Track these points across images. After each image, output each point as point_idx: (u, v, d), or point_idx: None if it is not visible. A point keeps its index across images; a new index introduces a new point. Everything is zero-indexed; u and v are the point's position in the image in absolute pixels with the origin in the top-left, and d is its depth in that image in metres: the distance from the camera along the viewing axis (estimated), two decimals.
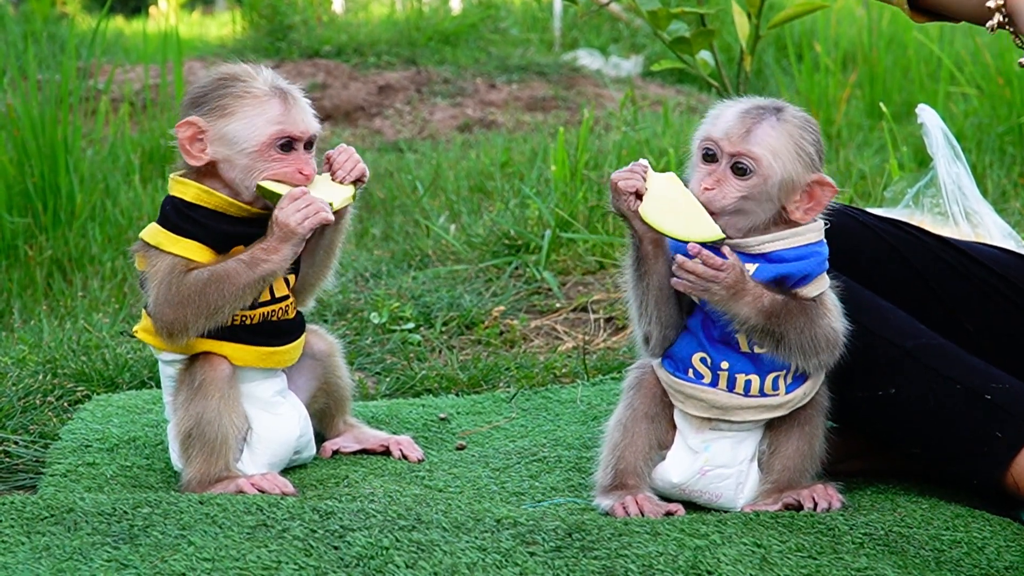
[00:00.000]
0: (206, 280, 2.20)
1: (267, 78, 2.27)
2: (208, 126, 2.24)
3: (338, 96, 7.26)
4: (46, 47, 7.35)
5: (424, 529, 1.94)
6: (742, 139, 2.07)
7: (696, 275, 2.04)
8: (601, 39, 8.72)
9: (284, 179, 2.25)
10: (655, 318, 2.14)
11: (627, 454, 2.16)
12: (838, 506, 2.12)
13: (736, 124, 2.08)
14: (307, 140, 2.27)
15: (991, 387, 2.15)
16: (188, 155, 2.26)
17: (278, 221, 2.21)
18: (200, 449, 2.24)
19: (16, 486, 2.43)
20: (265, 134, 2.23)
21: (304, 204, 2.21)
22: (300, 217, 2.21)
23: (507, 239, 3.94)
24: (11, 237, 4.30)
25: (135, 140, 5.33)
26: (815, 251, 2.12)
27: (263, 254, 2.22)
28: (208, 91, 2.27)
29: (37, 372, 2.97)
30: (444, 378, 3.07)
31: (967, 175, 2.86)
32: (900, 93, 6.26)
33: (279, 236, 2.22)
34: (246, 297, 2.23)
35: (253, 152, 2.24)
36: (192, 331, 2.22)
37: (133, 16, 12.36)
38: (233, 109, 2.24)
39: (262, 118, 2.24)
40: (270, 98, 2.25)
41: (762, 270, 2.09)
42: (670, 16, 3.32)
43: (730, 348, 2.12)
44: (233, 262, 2.21)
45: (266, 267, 2.22)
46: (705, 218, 2.07)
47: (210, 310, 2.20)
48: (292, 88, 2.29)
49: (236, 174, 2.25)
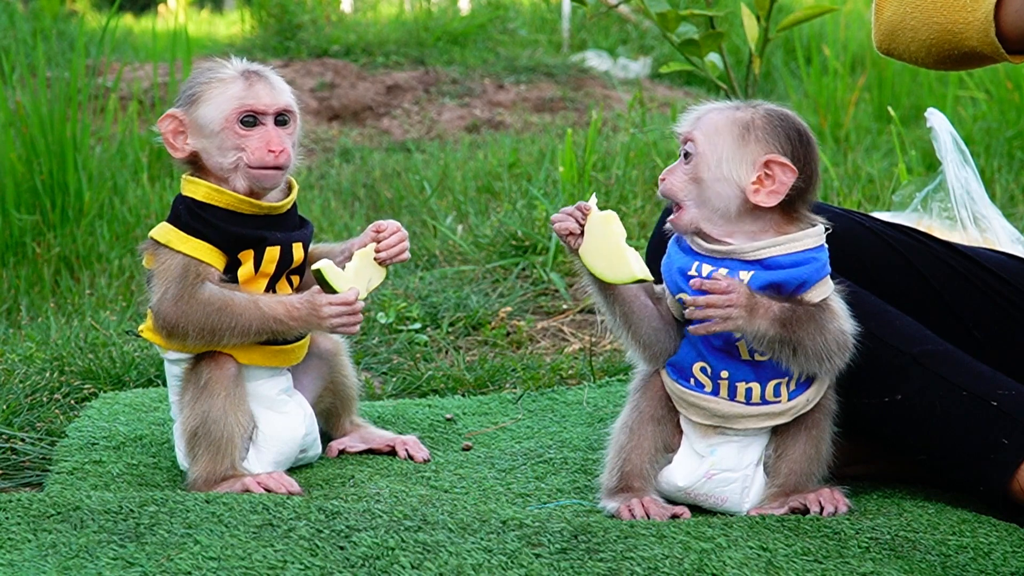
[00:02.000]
0: (218, 307, 2.21)
1: (237, 64, 2.30)
2: (185, 116, 2.26)
3: (346, 96, 7.26)
4: (55, 44, 7.36)
5: (430, 530, 1.94)
6: (689, 125, 2.11)
7: (713, 307, 2.03)
8: (610, 41, 8.72)
9: (257, 164, 2.24)
10: (635, 339, 2.15)
11: (633, 457, 2.16)
12: (844, 510, 2.12)
13: (692, 115, 2.12)
14: (275, 114, 2.28)
15: (998, 393, 2.14)
16: (172, 148, 2.29)
17: (319, 312, 2.22)
18: (206, 448, 2.24)
19: (23, 483, 2.43)
20: (228, 110, 2.26)
21: (348, 312, 2.23)
22: (337, 322, 2.23)
23: (514, 240, 3.94)
24: (19, 234, 4.31)
25: (143, 138, 5.34)
26: (812, 257, 2.09)
27: (283, 310, 2.23)
28: (183, 86, 2.32)
29: (44, 369, 2.98)
30: (450, 378, 3.07)
31: (976, 180, 2.85)
32: (909, 97, 6.25)
33: (307, 315, 2.23)
34: (247, 338, 2.25)
35: (220, 132, 2.26)
36: (189, 343, 2.24)
37: (142, 14, 12.38)
38: (201, 94, 2.28)
39: (223, 96, 2.26)
40: (235, 79, 2.28)
41: (757, 277, 2.07)
42: (679, 18, 3.32)
43: (730, 357, 2.11)
44: (248, 301, 2.23)
45: (277, 327, 2.24)
46: (629, 259, 2.08)
47: (211, 334, 2.22)
48: (263, 69, 2.31)
49: (214, 160, 2.27)
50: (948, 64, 2.20)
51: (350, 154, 6.22)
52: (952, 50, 2.15)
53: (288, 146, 2.28)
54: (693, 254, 2.12)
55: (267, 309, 2.23)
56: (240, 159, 2.26)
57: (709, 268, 2.08)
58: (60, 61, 6.76)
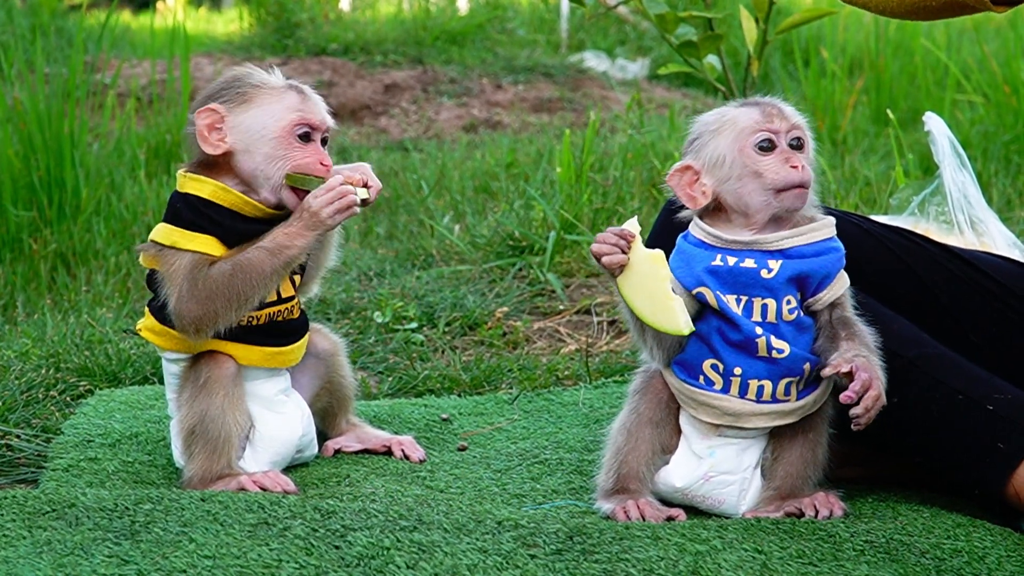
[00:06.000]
0: (231, 272, 2.19)
1: (280, 75, 2.31)
2: (228, 113, 2.25)
3: (344, 94, 7.26)
4: (53, 41, 7.36)
5: (425, 530, 1.94)
6: (794, 116, 2.16)
7: (877, 405, 2.05)
8: (608, 41, 8.72)
9: (307, 170, 2.25)
10: (656, 345, 2.15)
11: (630, 458, 2.16)
12: (839, 514, 2.12)
13: (780, 107, 2.16)
14: (324, 132, 2.29)
15: (993, 397, 2.15)
16: (206, 143, 2.26)
17: (310, 208, 2.21)
18: (203, 446, 2.24)
19: (18, 480, 2.43)
20: (287, 120, 2.25)
21: (339, 196, 2.22)
22: (332, 210, 2.21)
23: (511, 240, 3.94)
24: (16, 230, 4.30)
25: (141, 135, 5.34)
26: (832, 247, 2.13)
27: (286, 239, 2.22)
28: (225, 85, 2.30)
29: (40, 366, 2.97)
30: (446, 378, 3.07)
31: (973, 183, 2.85)
32: (906, 100, 6.25)
33: (306, 223, 2.22)
34: (271, 284, 2.23)
35: (274, 139, 2.25)
36: (222, 323, 2.21)
37: (140, 11, 12.36)
38: (252, 97, 2.26)
39: (281, 105, 2.26)
40: (287, 90, 2.28)
41: (785, 267, 2.10)
42: (678, 20, 3.32)
43: (747, 353, 2.11)
44: (254, 251, 2.21)
45: (289, 253, 2.22)
46: (676, 310, 2.08)
47: (240, 300, 2.20)
48: (306, 86, 2.32)
49: (257, 164, 2.25)
50: (923, 13, 2.18)
51: (347, 153, 6.21)
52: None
53: (332, 162, 2.30)
54: (711, 247, 2.13)
55: (272, 245, 2.21)
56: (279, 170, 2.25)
57: (734, 260, 2.10)
58: (58, 57, 6.76)
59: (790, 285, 2.11)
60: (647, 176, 4.48)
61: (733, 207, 2.14)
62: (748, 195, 2.12)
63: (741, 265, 2.10)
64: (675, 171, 2.16)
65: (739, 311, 2.10)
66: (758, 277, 2.10)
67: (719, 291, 2.10)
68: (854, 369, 2.03)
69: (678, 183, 2.16)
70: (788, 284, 2.10)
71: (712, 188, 2.14)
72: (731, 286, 2.10)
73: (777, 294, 2.10)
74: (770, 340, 2.09)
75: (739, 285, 2.10)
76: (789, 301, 2.11)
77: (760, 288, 2.10)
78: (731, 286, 2.10)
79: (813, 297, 2.12)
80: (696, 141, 2.17)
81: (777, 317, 2.11)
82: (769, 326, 2.10)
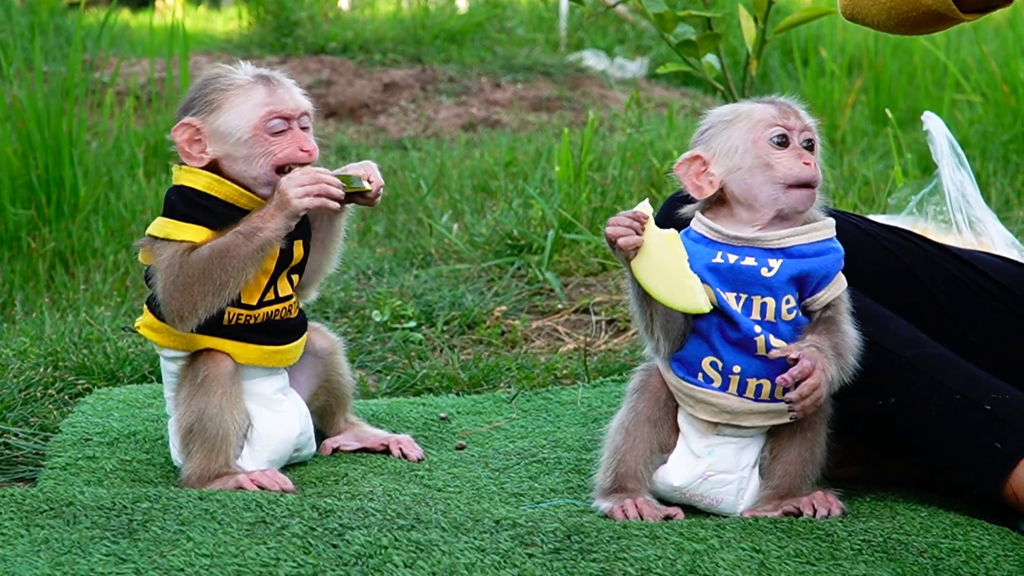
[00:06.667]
0: (207, 257, 2.18)
1: (247, 69, 2.29)
2: (202, 124, 2.25)
3: (343, 93, 7.26)
4: (52, 39, 7.35)
5: (423, 529, 1.94)
6: (807, 116, 2.17)
7: (813, 394, 2.04)
8: (607, 40, 8.72)
9: (289, 159, 2.25)
10: (663, 335, 2.14)
11: (628, 458, 2.16)
12: (837, 513, 2.12)
13: (794, 106, 2.17)
14: (299, 117, 2.27)
15: (991, 397, 2.15)
16: (189, 158, 2.26)
17: (279, 187, 2.21)
18: (201, 445, 2.24)
19: (16, 479, 2.43)
20: (255, 117, 2.24)
21: (312, 181, 2.21)
22: (301, 191, 2.20)
23: (510, 239, 3.94)
24: (14, 229, 4.30)
25: (140, 134, 5.33)
26: (832, 248, 2.13)
27: (259, 222, 2.21)
28: (194, 95, 2.29)
29: (38, 364, 2.97)
30: (445, 377, 3.07)
31: (971, 183, 2.85)
32: (905, 99, 6.25)
33: (276, 204, 2.21)
34: (248, 270, 2.21)
35: (249, 139, 2.24)
36: (201, 311, 2.19)
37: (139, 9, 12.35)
38: (220, 102, 2.25)
39: (249, 104, 2.25)
40: (253, 85, 2.27)
41: (786, 266, 2.10)
42: (677, 19, 3.32)
43: (746, 352, 2.11)
44: (230, 235, 2.20)
45: (262, 236, 2.20)
46: (695, 288, 2.08)
47: (216, 287, 2.18)
48: (274, 73, 2.30)
49: (240, 167, 2.25)
50: (907, 27, 2.25)
51: (346, 151, 6.21)
52: (910, 11, 2.19)
53: (315, 145, 2.28)
54: (712, 243, 2.13)
55: (246, 228, 2.20)
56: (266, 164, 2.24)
57: (735, 257, 2.10)
58: (57, 56, 6.76)
59: (790, 284, 2.11)
60: (646, 175, 4.48)
61: (739, 199, 2.13)
62: (757, 187, 2.12)
63: (742, 263, 2.10)
64: (683, 160, 2.16)
65: (738, 309, 2.10)
66: (758, 275, 2.10)
67: (719, 288, 2.10)
68: (800, 356, 2.03)
69: (685, 172, 2.16)
70: (788, 283, 2.10)
71: (720, 178, 2.13)
72: (731, 284, 2.10)
73: (776, 293, 2.10)
74: (768, 339, 2.09)
75: (739, 283, 2.10)
76: (788, 300, 2.11)
77: (760, 286, 2.10)
78: (731, 284, 2.10)
79: (810, 297, 2.12)
80: (708, 131, 2.17)
81: (776, 316, 2.11)
82: (768, 325, 2.10)
